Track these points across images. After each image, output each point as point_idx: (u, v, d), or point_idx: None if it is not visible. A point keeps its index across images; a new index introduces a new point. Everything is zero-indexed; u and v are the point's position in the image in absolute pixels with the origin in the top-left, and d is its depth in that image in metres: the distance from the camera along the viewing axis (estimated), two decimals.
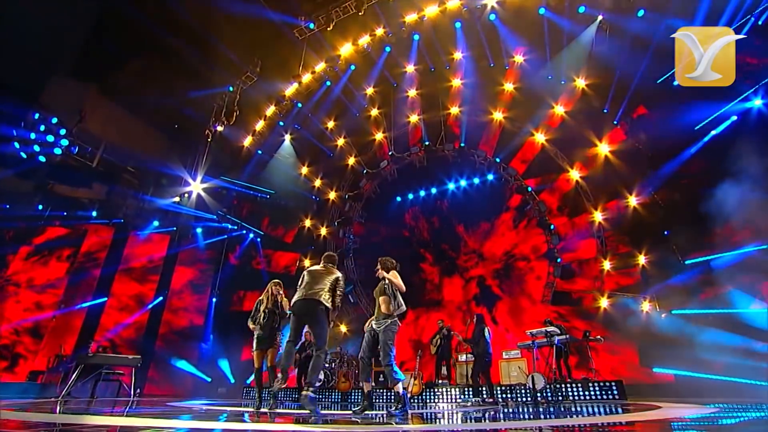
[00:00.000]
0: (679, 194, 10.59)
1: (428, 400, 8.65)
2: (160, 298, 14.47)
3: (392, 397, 4.93)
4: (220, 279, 15.37)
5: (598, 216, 11.51)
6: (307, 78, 14.19)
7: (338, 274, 4.74)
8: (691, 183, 10.28)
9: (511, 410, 5.39)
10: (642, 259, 10.80)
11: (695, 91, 10.11)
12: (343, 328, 13.93)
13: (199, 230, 15.40)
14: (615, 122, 11.86)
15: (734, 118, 10.21)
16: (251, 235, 16.17)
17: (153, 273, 14.97)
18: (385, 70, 13.74)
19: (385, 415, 4.53)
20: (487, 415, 4.74)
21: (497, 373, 9.76)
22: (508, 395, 8.16)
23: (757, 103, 9.89)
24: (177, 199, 14.78)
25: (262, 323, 5.46)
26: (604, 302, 10.91)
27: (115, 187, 14.66)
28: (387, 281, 4.77)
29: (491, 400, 6.89)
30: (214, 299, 15.00)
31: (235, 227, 16.01)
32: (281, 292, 5.82)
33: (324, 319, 4.41)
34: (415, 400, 8.35)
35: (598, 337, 8.51)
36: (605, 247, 11.43)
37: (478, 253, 13.38)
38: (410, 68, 13.66)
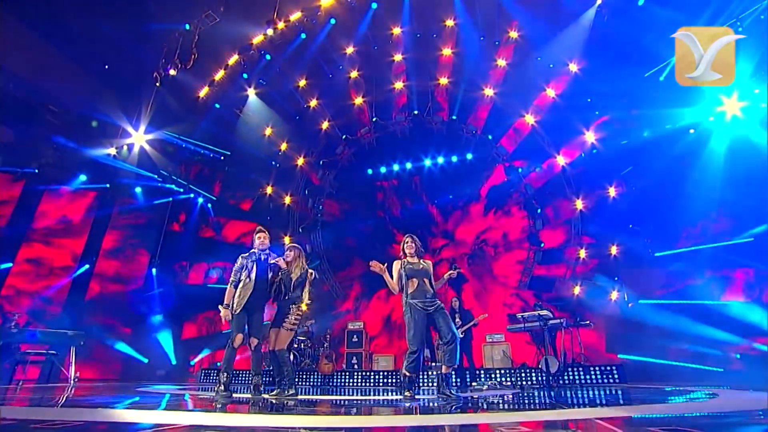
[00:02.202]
0: (653, 187, 10.89)
1: (426, 384, 8.08)
2: (86, 266, 12.24)
3: (440, 377, 4.37)
4: (162, 247, 13.41)
5: (577, 204, 11.56)
6: (279, 26, 12.54)
7: None
8: (665, 177, 10.63)
9: (555, 394, 4.91)
10: (614, 249, 11.07)
11: (679, 89, 10.45)
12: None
13: (138, 190, 13.19)
14: (597, 112, 11.93)
15: (711, 119, 10.71)
16: (200, 200, 14.28)
17: (76, 236, 12.62)
18: (369, 29, 12.52)
19: (441, 398, 3.95)
20: (541, 398, 4.18)
21: (480, 357, 9.45)
22: (510, 379, 7.83)
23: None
24: (113, 150, 12.45)
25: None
26: (576, 289, 11.06)
27: (28, 129, 11.95)
28: (429, 266, 5.10)
29: (508, 383, 6.50)
30: (153, 270, 13.04)
31: (182, 189, 14.01)
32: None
33: None
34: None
35: (588, 322, 8.47)
36: (580, 236, 11.55)
37: (451, 234, 12.97)
38: (397, 30, 12.57)
